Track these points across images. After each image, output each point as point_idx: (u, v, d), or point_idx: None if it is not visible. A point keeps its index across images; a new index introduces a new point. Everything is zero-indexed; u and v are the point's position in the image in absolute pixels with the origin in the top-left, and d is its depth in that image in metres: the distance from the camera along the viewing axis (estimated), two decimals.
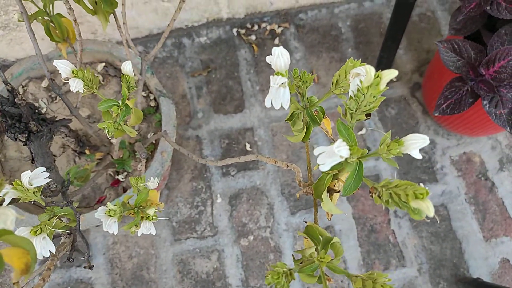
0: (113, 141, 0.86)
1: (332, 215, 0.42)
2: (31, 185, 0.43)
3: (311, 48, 1.34)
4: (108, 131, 0.48)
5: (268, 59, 0.36)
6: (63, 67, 0.44)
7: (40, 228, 0.45)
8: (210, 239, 1.14)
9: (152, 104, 0.89)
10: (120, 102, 0.50)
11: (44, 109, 0.88)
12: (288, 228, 1.15)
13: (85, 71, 0.46)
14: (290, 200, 1.17)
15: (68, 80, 0.44)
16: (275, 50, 0.34)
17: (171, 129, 0.84)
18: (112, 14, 0.66)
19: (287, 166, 0.57)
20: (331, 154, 0.31)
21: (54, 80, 0.69)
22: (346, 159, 0.32)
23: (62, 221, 0.50)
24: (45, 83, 0.89)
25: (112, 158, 0.85)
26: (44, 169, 0.45)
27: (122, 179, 0.83)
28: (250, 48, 1.33)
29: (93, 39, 0.95)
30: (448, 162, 1.22)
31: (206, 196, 1.17)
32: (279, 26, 1.36)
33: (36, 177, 0.44)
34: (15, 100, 0.67)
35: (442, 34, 1.35)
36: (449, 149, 1.23)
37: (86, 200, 0.85)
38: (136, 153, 0.83)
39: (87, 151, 0.82)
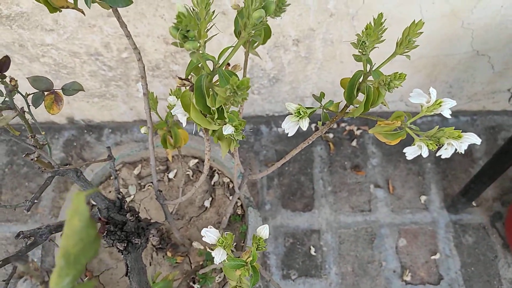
0: (194, 244, 0.84)
1: None
2: None
3: (388, 156, 1.31)
4: None
5: None
6: (211, 235, 0.43)
7: None
8: None
9: (239, 211, 0.88)
10: (248, 264, 0.48)
11: (132, 197, 0.89)
12: None
13: (225, 236, 0.45)
14: None
15: (212, 250, 0.43)
16: None
17: None
18: None
19: None
20: None
21: (161, 191, 0.68)
22: None
23: None
24: (137, 170, 0.90)
25: (190, 262, 0.83)
26: None
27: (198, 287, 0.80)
28: (326, 146, 1.32)
29: (191, 135, 0.96)
30: None
31: None
32: (358, 128, 1.35)
33: None
34: (122, 207, 0.67)
35: None
36: None
37: None
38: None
39: (168, 253, 0.81)
